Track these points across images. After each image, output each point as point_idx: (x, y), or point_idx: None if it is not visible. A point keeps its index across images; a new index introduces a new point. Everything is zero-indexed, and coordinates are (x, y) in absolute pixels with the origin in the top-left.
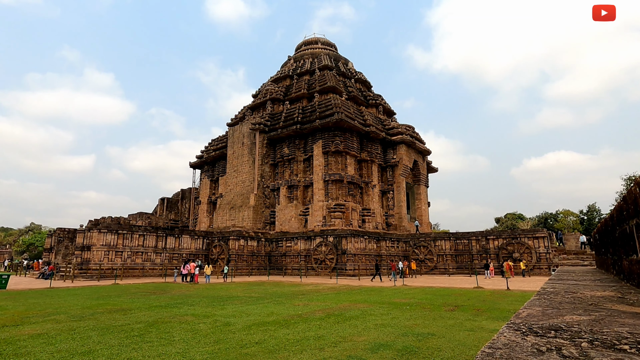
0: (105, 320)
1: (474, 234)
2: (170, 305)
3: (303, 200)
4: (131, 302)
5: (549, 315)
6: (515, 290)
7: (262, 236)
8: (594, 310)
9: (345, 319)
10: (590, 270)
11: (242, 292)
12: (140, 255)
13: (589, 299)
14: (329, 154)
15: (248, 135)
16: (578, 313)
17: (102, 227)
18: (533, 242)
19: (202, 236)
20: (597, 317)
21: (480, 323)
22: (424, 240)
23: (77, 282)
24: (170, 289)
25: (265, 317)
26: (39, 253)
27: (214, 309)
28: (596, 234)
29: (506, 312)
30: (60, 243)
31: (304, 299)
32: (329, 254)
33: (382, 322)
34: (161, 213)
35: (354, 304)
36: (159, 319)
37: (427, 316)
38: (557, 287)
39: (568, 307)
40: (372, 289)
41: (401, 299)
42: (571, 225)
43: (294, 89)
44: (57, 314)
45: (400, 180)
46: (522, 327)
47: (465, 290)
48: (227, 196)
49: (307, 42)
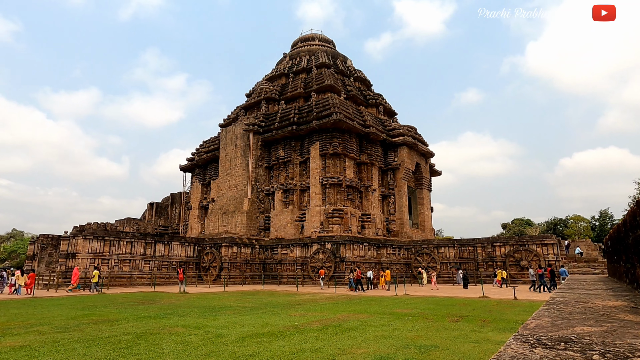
0: (91, 332)
1: (480, 241)
2: (160, 315)
3: (299, 205)
4: (118, 312)
5: (559, 326)
6: (523, 300)
7: (256, 243)
8: (605, 321)
9: (344, 330)
10: (602, 279)
11: (235, 301)
12: (128, 263)
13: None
14: (327, 157)
15: (241, 136)
16: (589, 324)
17: (87, 234)
18: (542, 249)
19: (193, 243)
20: (609, 328)
21: (486, 334)
22: (426, 247)
23: (61, 291)
24: (160, 298)
25: (259, 328)
26: (22, 261)
27: (206, 320)
28: (608, 241)
29: (513, 322)
30: (44, 250)
31: (301, 309)
32: (327, 261)
33: (382, 333)
34: (150, 218)
35: (353, 314)
36: (148, 330)
37: (430, 327)
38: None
39: (578, 317)
40: (372, 299)
41: (403, 309)
42: (582, 231)
43: (290, 88)
44: (40, 325)
45: (402, 184)
46: (530, 339)
47: (470, 300)
48: (220, 201)
49: (304, 38)
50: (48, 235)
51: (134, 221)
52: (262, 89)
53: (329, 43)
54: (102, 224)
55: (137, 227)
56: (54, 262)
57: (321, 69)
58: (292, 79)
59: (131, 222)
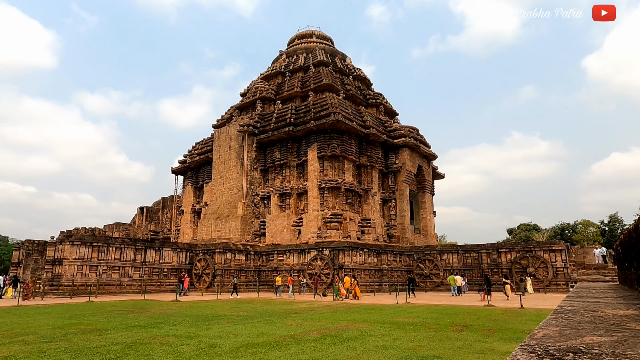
0: (79, 342)
1: (484, 247)
2: (150, 324)
3: (296, 210)
4: (107, 321)
5: (567, 336)
6: (530, 309)
7: (251, 249)
8: (616, 330)
9: (343, 340)
10: (612, 287)
11: (229, 310)
12: (117, 270)
13: (610, 318)
14: (325, 159)
15: (236, 137)
16: (599, 334)
17: (75, 239)
18: (549, 256)
19: (185, 249)
20: (619, 338)
21: (491, 344)
22: (429, 253)
23: (47, 299)
24: (150, 307)
25: (254, 337)
26: (6, 267)
27: (198, 329)
28: (618, 247)
29: (520, 332)
30: (30, 256)
31: (297, 318)
32: (325, 268)
33: (383, 343)
34: (140, 223)
35: (352, 323)
36: (138, 340)
37: (433, 337)
38: (576, 305)
39: (588, 327)
40: (372, 307)
41: (404, 318)
42: (591, 237)
43: (286, 87)
44: (25, 335)
45: (404, 187)
46: (537, 349)
47: (475, 309)
48: (213, 205)
49: (301, 35)
50: (34, 240)
51: (124, 226)
52: (258, 88)
53: (327, 40)
54: (91, 229)
55: (127, 232)
56: (40, 268)
57: (319, 67)
58: (288, 77)
59: (120, 227)
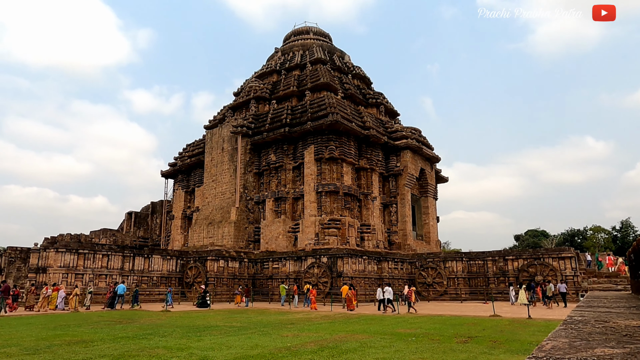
0: (64, 354)
1: (490, 254)
2: (139, 336)
3: (292, 215)
4: (93, 332)
5: (577, 347)
6: (538, 319)
7: (245, 256)
8: (628, 342)
9: (341, 352)
10: (625, 296)
11: (221, 320)
12: (104, 278)
13: (623, 329)
14: (322, 161)
15: (229, 139)
16: (610, 345)
17: (59, 246)
18: (558, 263)
19: (176, 256)
20: (632, 350)
21: (497, 357)
22: (432, 261)
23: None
24: (139, 317)
25: (248, 349)
26: None
27: (189, 341)
28: (631, 254)
29: (527, 344)
30: (12, 264)
31: (294, 328)
32: (323, 276)
33: (383, 356)
34: (128, 229)
35: (352, 334)
36: (126, 352)
37: (436, 349)
38: (586, 315)
39: (599, 338)
40: (373, 318)
41: (406, 329)
42: (602, 243)
43: (282, 86)
44: (7, 347)
45: (405, 191)
46: None
47: (480, 319)
48: (205, 210)
49: (297, 31)
50: (16, 247)
51: (111, 232)
52: (252, 87)
53: (325, 37)
54: (76, 236)
55: (115, 238)
56: (23, 277)
57: (316, 65)
58: (284, 76)
59: (107, 234)
